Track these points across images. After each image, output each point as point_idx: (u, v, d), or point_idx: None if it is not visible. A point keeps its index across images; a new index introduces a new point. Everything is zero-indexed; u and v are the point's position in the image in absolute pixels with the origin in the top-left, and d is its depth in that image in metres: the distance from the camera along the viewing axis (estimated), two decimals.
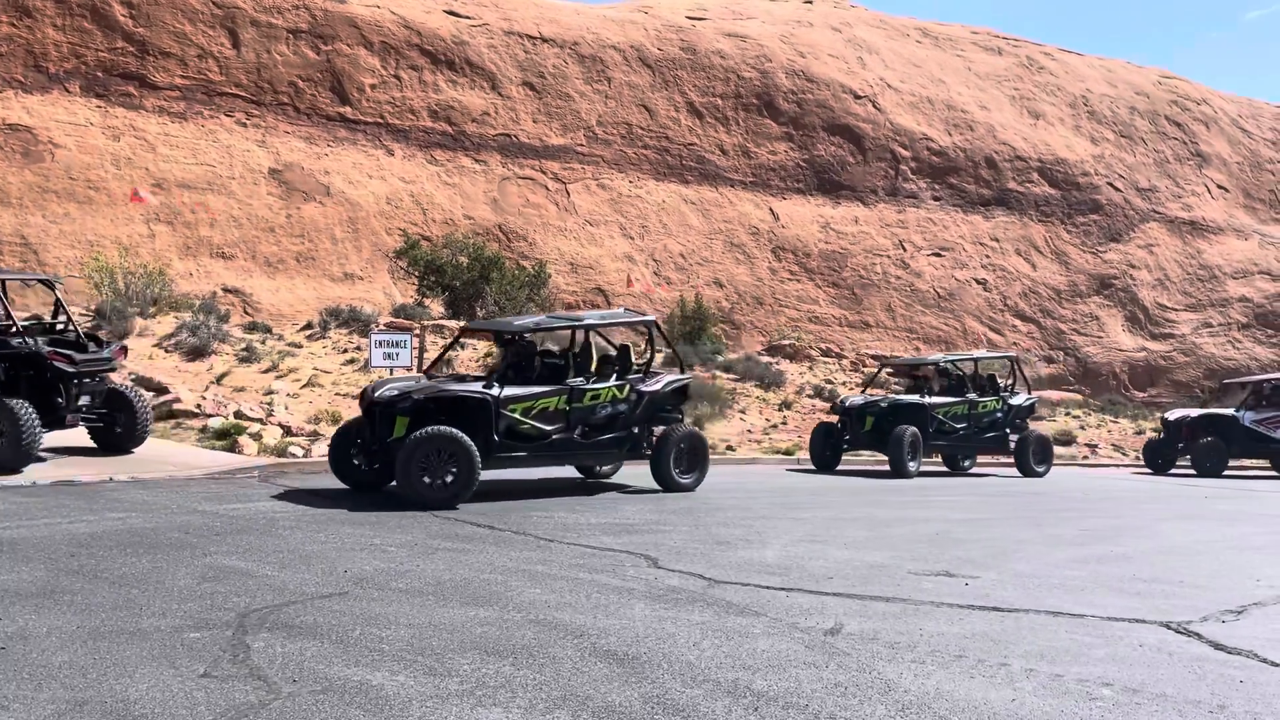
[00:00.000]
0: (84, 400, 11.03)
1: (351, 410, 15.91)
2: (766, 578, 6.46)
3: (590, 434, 10.73)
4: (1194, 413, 19.32)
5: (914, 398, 16.55)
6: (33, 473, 9.99)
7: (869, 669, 4.54)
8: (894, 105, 41.72)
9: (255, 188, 29.65)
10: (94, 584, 5.68)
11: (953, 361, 17.49)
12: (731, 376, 23.42)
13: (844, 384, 25.85)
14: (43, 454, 10.84)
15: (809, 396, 23.10)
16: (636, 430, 11.02)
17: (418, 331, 19.05)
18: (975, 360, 17.67)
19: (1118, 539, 9.36)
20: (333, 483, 10.91)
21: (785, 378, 24.27)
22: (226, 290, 27.56)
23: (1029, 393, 18.22)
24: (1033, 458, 16.95)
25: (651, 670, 4.39)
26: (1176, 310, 43.62)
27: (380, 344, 14.41)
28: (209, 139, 29.45)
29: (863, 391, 18.15)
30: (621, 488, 11.72)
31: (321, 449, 13.15)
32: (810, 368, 28.03)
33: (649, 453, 11.24)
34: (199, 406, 14.40)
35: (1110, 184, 45.02)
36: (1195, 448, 18.25)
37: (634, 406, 10.96)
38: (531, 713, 3.83)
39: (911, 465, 15.35)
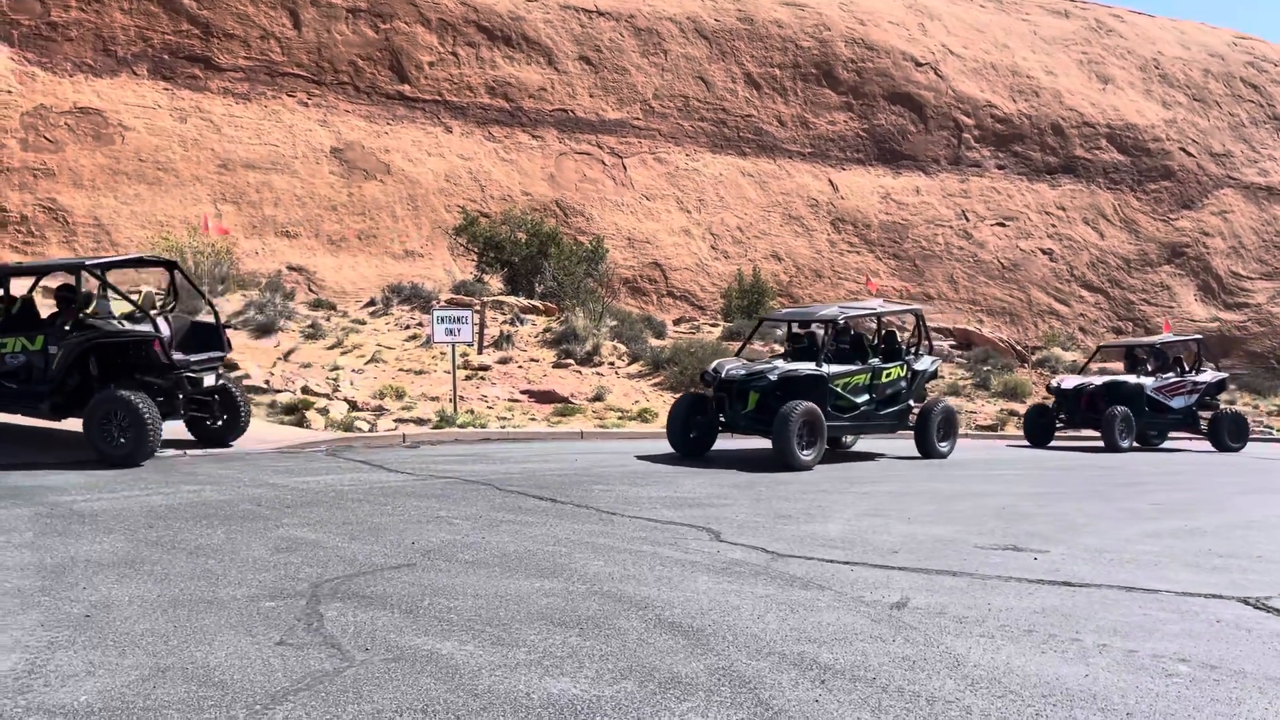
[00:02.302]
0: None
1: (414, 385, 16.13)
2: (830, 551, 6.43)
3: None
4: (1097, 381, 17.94)
5: (810, 366, 12.11)
6: None
7: (936, 643, 4.50)
8: (956, 72, 40.84)
9: (317, 167, 30.07)
10: (172, 554, 5.84)
11: (852, 317, 13.72)
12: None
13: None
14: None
15: None
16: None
17: (477, 308, 19.22)
18: (878, 315, 14.02)
19: (1192, 513, 9.14)
20: (395, 456, 11.08)
21: None
22: (291, 268, 28.06)
23: (930, 354, 14.95)
24: (936, 434, 13.33)
25: (716, 642, 4.40)
26: (1252, 279, 42.26)
27: (442, 320, 14.56)
28: (272, 119, 29.90)
29: (737, 354, 14.11)
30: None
31: (387, 423, 13.36)
32: None
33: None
34: (267, 383, 14.71)
35: (1183, 149, 43.64)
36: (1106, 419, 16.77)
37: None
38: (599, 683, 3.87)
39: (807, 455, 11.21)
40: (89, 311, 10.26)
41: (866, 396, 12.68)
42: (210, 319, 11.60)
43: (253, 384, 14.52)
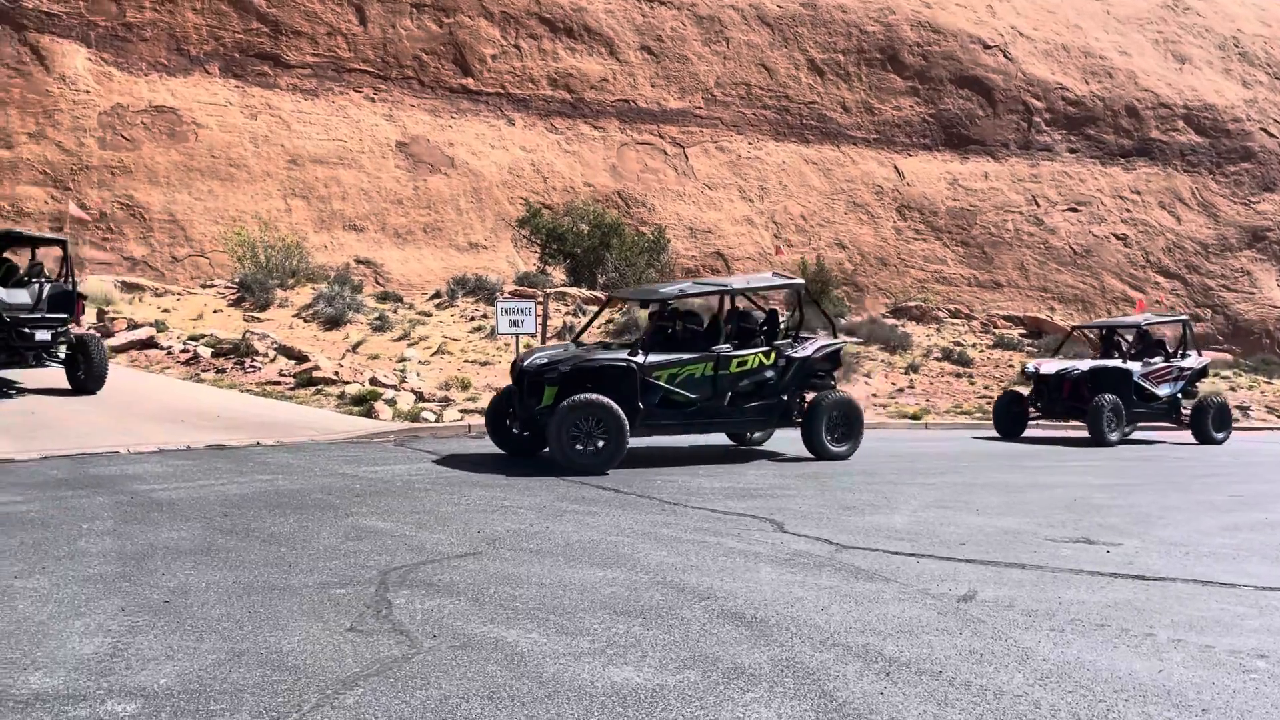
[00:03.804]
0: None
1: (479, 376, 16.32)
2: (895, 543, 6.36)
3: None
4: (1081, 365, 15.86)
5: (617, 356, 10.13)
6: (187, 436, 10.60)
7: (1005, 636, 4.43)
8: (1026, 54, 39.92)
9: (384, 161, 30.52)
10: (246, 542, 6.00)
11: (692, 295, 11.81)
12: (855, 340, 23.01)
13: (973, 345, 25.10)
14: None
15: (937, 359, 22.53)
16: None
17: (541, 299, 19.35)
18: (730, 293, 11.37)
19: (1271, 505, 8.86)
20: (461, 447, 11.23)
21: (911, 340, 23.72)
22: (359, 261, 28.55)
23: (834, 335, 12.66)
24: (826, 432, 10.93)
25: (780, 633, 4.39)
26: None
27: (506, 311, 14.68)
28: (339, 115, 30.41)
29: (574, 340, 11.93)
30: (745, 454, 11.70)
31: (452, 414, 13.54)
32: (938, 329, 27.31)
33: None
34: (336, 374, 14.99)
35: (1264, 130, 42.13)
36: (1094, 409, 14.77)
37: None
38: (662, 672, 3.88)
39: (587, 458, 9.37)
40: None
41: (708, 390, 10.38)
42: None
43: (322, 375, 14.82)
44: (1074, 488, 9.54)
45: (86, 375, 12.95)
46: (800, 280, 11.71)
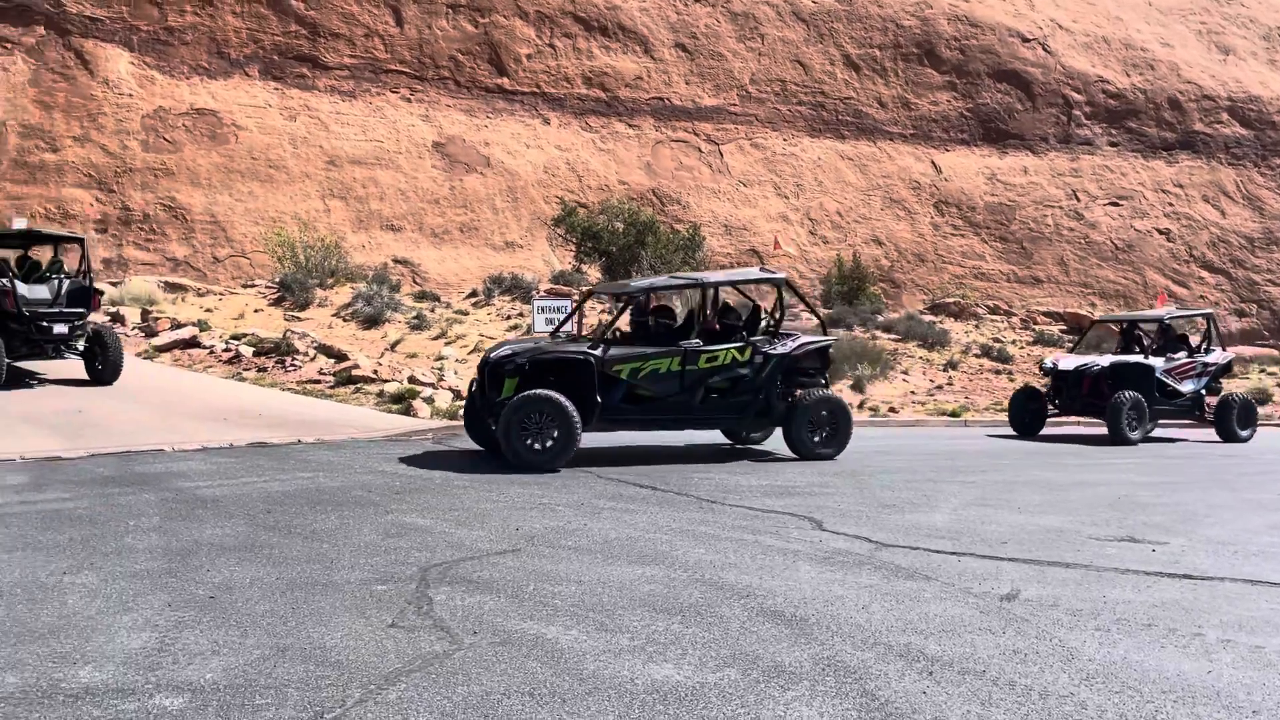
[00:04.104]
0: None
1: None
2: (936, 541, 6.31)
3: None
4: (1101, 360, 15.37)
5: (575, 349, 10.01)
6: (229, 434, 10.75)
7: (1049, 636, 4.38)
8: (1066, 47, 39.38)
9: (420, 161, 30.73)
10: (288, 539, 6.07)
11: (660, 289, 11.65)
12: (892, 336, 22.85)
13: (1013, 342, 24.82)
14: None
15: (976, 356, 22.30)
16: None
17: (576, 297, 19.39)
18: (712, 286, 11.33)
19: None
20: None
21: (950, 337, 23.50)
22: (396, 261, 28.78)
23: (824, 333, 12.09)
24: (808, 432, 10.58)
25: (820, 632, 4.37)
26: None
27: (542, 310, 14.73)
28: (376, 115, 30.67)
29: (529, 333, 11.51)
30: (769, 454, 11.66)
31: None
32: (976, 326, 27.04)
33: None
34: (375, 372, 15.13)
35: None
36: (1113, 406, 14.23)
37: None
38: (702, 669, 3.88)
39: (537, 456, 9.28)
40: None
41: (674, 385, 10.11)
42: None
43: (361, 374, 14.95)
44: (1117, 485, 9.41)
45: (103, 366, 13.68)
46: (781, 275, 11.29)
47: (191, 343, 16.96)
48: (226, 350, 16.54)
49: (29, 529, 6.19)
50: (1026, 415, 15.29)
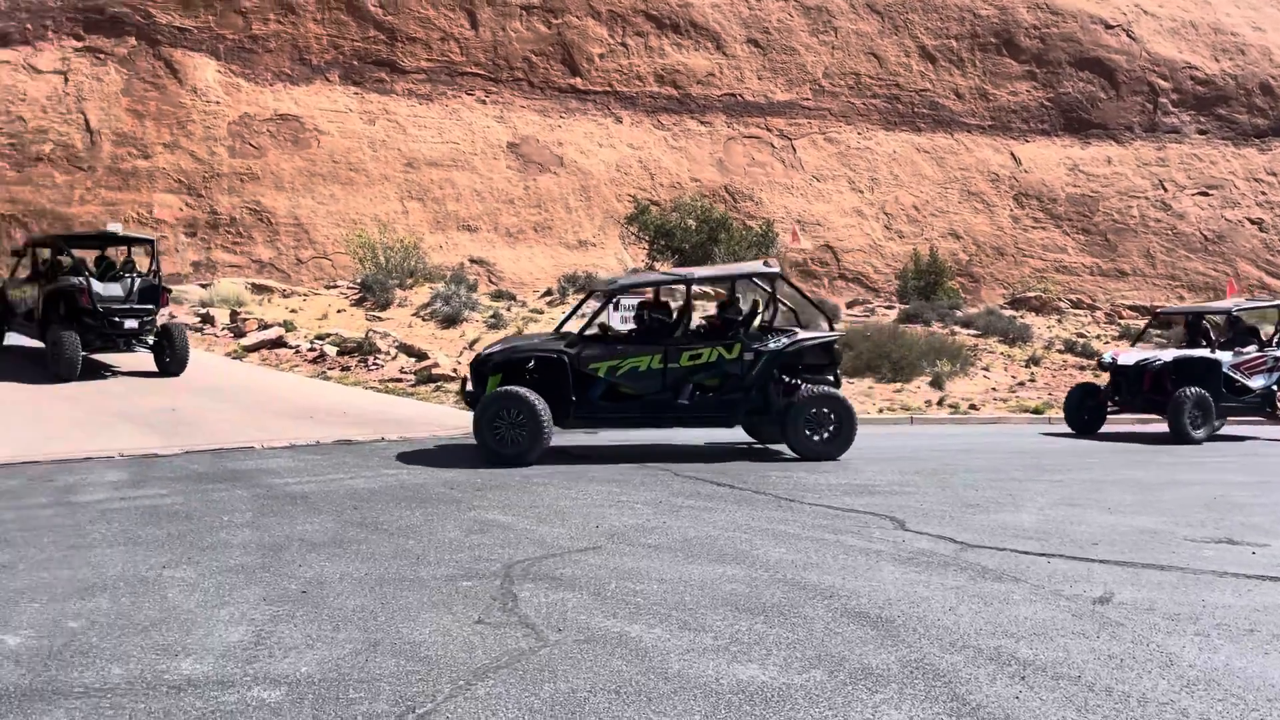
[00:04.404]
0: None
1: None
2: (1023, 542, 6.17)
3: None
4: (1163, 355, 14.43)
5: (550, 347, 10.23)
6: (316, 432, 11.01)
7: (1146, 641, 4.25)
8: (1151, 33, 38.16)
9: (495, 162, 31.09)
10: (375, 535, 6.20)
11: (697, 280, 11.39)
12: (972, 332, 22.41)
13: (1097, 337, 24.15)
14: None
15: (1059, 351, 21.76)
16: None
17: (649, 295, 19.40)
18: (697, 282, 11.28)
19: None
20: (574, 440, 11.36)
21: (1031, 332, 22.95)
22: (472, 261, 29.17)
23: (830, 328, 11.52)
24: (806, 430, 10.09)
25: (906, 634, 4.31)
26: None
27: (617, 308, 14.79)
28: (453, 118, 31.10)
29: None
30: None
31: None
32: (1059, 321, 26.37)
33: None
34: (455, 371, 15.35)
35: None
36: (1174, 403, 13.32)
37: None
38: (787, 670, 3.86)
39: (509, 450, 9.40)
40: (65, 272, 14.48)
41: (656, 383, 10.01)
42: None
43: (441, 372, 15.19)
44: (1212, 485, 9.09)
45: (171, 359, 14.55)
46: (773, 269, 10.97)
47: (278, 343, 17.42)
48: (311, 350, 16.95)
49: (129, 524, 6.42)
50: (1084, 412, 14.43)
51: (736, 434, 11.47)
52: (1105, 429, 14.58)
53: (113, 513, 6.79)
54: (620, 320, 14.75)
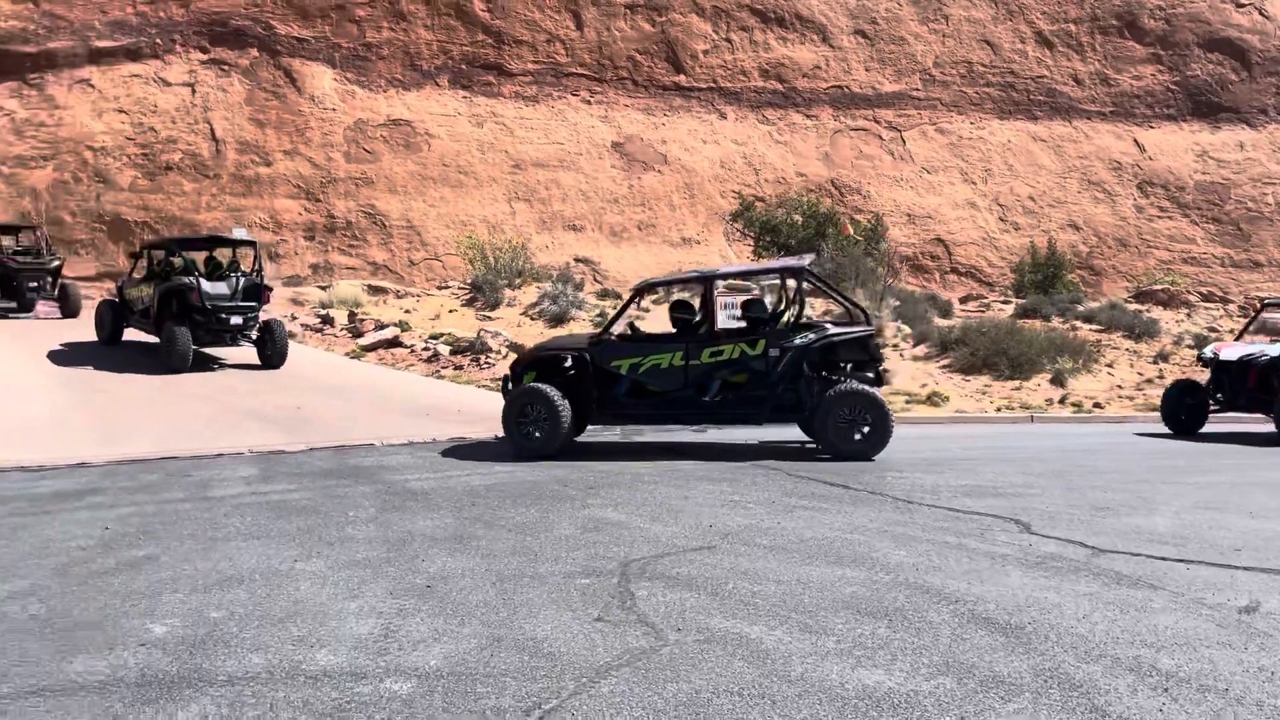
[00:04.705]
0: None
1: None
2: (1159, 548, 5.90)
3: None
4: (1271, 350, 13.02)
5: (573, 346, 10.65)
6: (432, 429, 11.28)
7: None
8: None
9: (600, 162, 31.34)
10: (493, 531, 6.30)
11: (721, 276, 11.32)
12: (1094, 327, 21.59)
13: (1230, 331, 22.97)
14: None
15: (1189, 347, 20.78)
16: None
17: (755, 292, 19.30)
18: (718, 278, 11.05)
19: None
20: (684, 438, 11.35)
21: (1159, 327, 21.98)
22: (577, 260, 29.48)
23: (864, 323, 10.64)
24: (836, 428, 9.72)
25: (1038, 641, 4.16)
26: None
27: (725, 306, 14.72)
28: (558, 119, 31.48)
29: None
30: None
31: None
32: (1188, 315, 25.19)
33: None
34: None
35: None
36: None
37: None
38: (914, 676, 3.77)
39: (534, 442, 9.79)
40: (177, 272, 15.83)
41: (678, 380, 10.06)
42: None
43: None
44: None
45: (272, 353, 15.64)
46: (798, 263, 10.64)
47: (394, 342, 17.91)
48: (425, 349, 17.37)
49: (261, 518, 6.68)
50: (1183, 411, 13.48)
51: (793, 432, 11.26)
52: (1206, 428, 13.71)
53: (245, 507, 7.07)
54: (727, 319, 14.68)
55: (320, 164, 29.04)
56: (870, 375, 10.20)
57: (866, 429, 9.69)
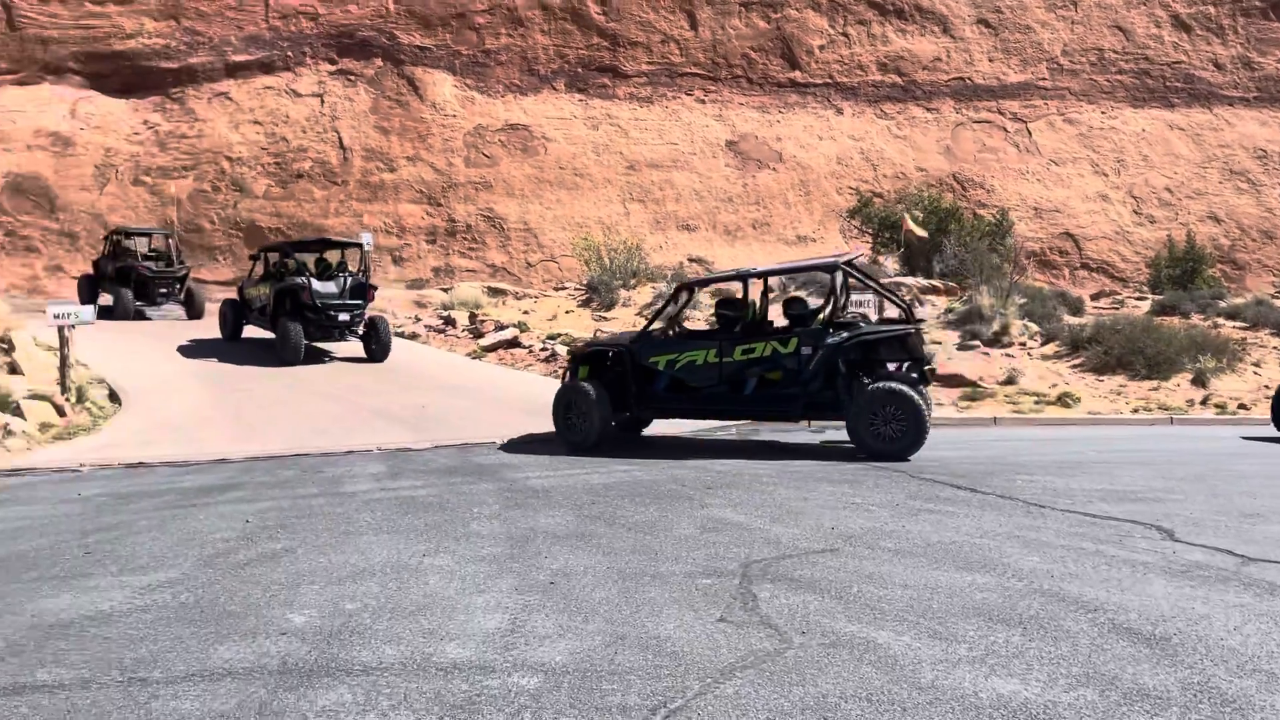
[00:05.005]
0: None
1: None
2: None
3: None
4: None
5: (616, 342, 11.26)
6: (550, 428, 11.43)
7: None
8: None
9: (714, 161, 31.27)
10: (613, 529, 6.34)
11: (756, 275, 11.01)
12: (1238, 324, 20.43)
13: None
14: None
15: None
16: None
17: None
18: (754, 276, 10.95)
19: None
20: (802, 438, 11.22)
21: None
22: (691, 260, 29.48)
23: (910, 318, 10.56)
24: (868, 426, 9.57)
25: (1185, 654, 3.95)
26: None
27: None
28: (672, 119, 31.54)
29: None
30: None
31: None
32: None
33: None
34: None
35: None
36: None
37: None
38: (1052, 687, 3.62)
39: (577, 436, 10.26)
40: (291, 273, 17.12)
41: (713, 376, 10.18)
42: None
43: None
44: None
45: (376, 347, 16.86)
46: (835, 260, 10.46)
47: (513, 343, 18.26)
48: (543, 349, 17.64)
49: (391, 514, 6.89)
50: None
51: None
52: None
53: (375, 502, 7.30)
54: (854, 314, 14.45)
55: (441, 169, 29.81)
56: (915, 376, 10.04)
57: (900, 428, 9.52)
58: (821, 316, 10.50)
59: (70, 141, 28.28)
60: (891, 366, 10.07)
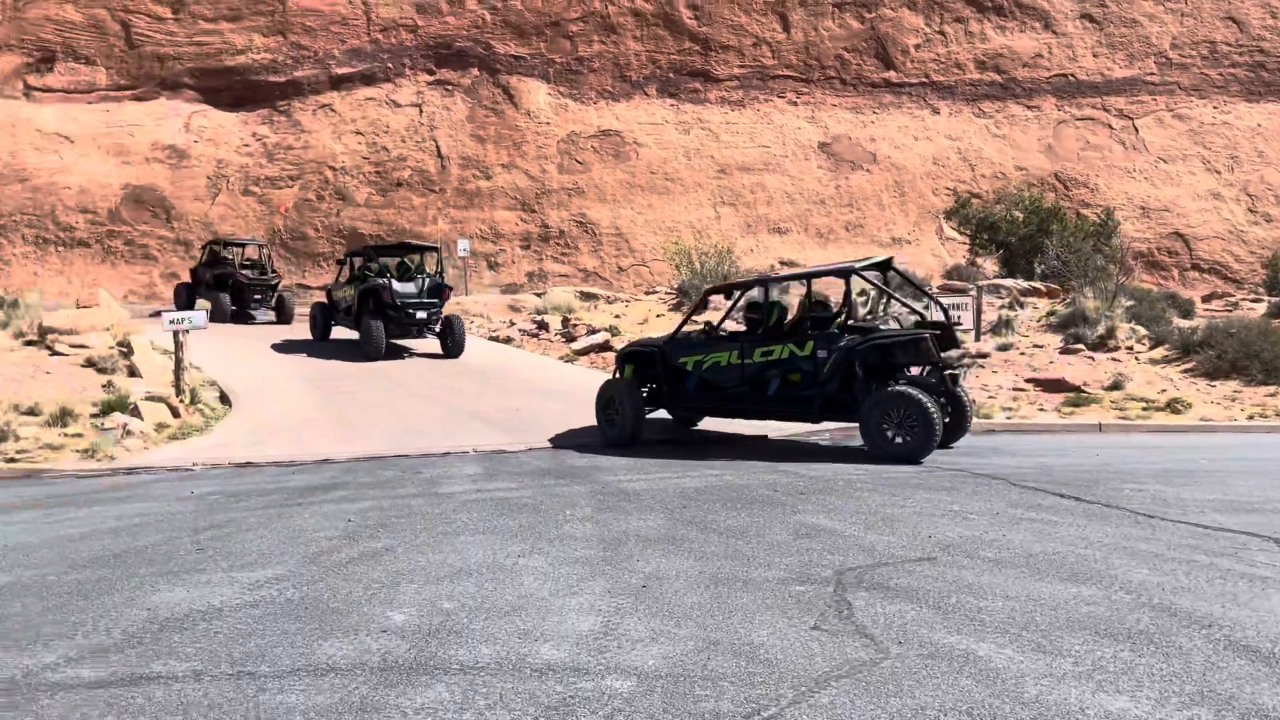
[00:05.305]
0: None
1: None
2: None
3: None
4: None
5: (650, 343, 11.86)
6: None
7: None
8: None
9: (805, 163, 30.99)
10: (705, 534, 6.33)
11: (779, 279, 12.55)
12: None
13: None
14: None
15: None
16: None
17: (973, 293, 18.52)
18: (807, 277, 11.23)
19: None
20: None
21: None
22: (783, 262, 29.26)
23: (943, 323, 10.83)
24: (880, 429, 9.70)
25: None
26: None
27: (940, 308, 14.21)
28: (764, 122, 31.37)
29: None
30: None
31: None
32: None
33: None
34: None
35: None
36: None
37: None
38: (1164, 705, 3.48)
39: (613, 431, 11.16)
40: (374, 275, 18.06)
41: (735, 377, 10.67)
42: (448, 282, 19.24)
43: None
44: None
45: (451, 344, 17.90)
46: (847, 266, 10.62)
47: (605, 346, 18.38)
48: None
49: (487, 514, 7.00)
50: None
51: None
52: None
53: (471, 503, 7.44)
54: (943, 317, 14.18)
55: (535, 176, 30.21)
56: (933, 380, 10.28)
57: (911, 431, 9.58)
58: (838, 320, 10.64)
59: (185, 154, 29.54)
60: (914, 371, 10.33)
